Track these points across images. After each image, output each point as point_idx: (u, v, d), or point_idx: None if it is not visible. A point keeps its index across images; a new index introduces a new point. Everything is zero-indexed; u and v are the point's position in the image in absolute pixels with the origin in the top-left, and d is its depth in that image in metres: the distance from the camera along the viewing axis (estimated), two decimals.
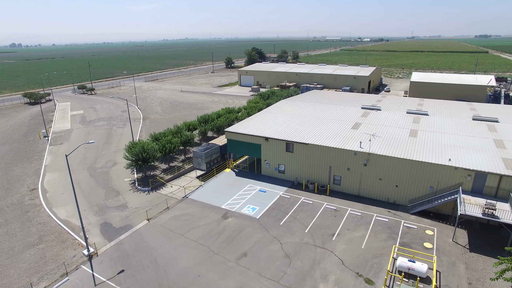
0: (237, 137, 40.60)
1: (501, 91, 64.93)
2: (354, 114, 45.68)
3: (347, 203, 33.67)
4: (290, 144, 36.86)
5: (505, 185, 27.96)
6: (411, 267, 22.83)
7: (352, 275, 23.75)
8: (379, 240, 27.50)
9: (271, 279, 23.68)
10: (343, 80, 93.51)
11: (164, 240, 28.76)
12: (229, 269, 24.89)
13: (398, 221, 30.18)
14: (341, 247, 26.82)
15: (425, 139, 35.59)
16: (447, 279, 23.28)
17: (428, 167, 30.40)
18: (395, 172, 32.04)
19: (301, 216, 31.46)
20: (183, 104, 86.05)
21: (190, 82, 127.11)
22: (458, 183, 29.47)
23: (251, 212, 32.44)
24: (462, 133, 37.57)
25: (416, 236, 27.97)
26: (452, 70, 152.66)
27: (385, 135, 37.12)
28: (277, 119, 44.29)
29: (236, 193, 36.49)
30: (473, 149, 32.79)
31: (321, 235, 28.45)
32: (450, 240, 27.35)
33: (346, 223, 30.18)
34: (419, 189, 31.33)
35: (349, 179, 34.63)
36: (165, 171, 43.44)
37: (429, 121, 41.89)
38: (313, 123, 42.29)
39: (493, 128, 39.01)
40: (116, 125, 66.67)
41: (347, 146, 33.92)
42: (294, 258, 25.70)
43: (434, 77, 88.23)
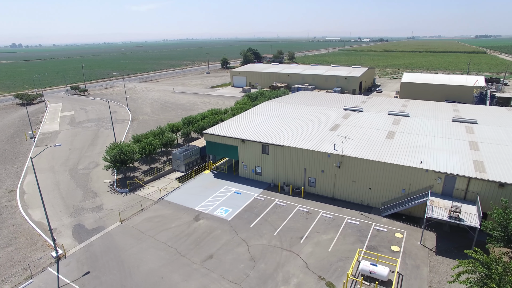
0: (215, 139, 40.66)
1: (487, 92, 64.69)
2: (335, 115, 45.66)
3: (320, 205, 33.68)
4: (265, 146, 36.88)
5: (473, 187, 27.89)
6: (373, 270, 22.81)
7: (315, 278, 23.75)
8: (347, 243, 27.48)
9: (233, 282, 23.72)
10: (334, 81, 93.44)
11: (133, 242, 28.83)
12: (193, 271, 24.93)
13: (369, 224, 30.16)
14: (308, 250, 26.82)
15: (402, 141, 35.55)
16: (409, 282, 23.24)
17: (400, 170, 30.33)
18: (368, 175, 32.03)
19: (272, 219, 31.49)
20: (174, 105, 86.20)
21: (184, 82, 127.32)
22: (429, 185, 29.43)
23: (224, 214, 32.50)
24: (439, 134, 37.51)
25: (384, 239, 27.94)
26: (448, 70, 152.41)
27: (362, 136, 37.10)
28: (257, 121, 44.31)
29: (212, 194, 36.53)
30: (447, 151, 32.72)
31: (289, 237, 28.46)
32: (418, 243, 27.29)
33: (316, 225, 30.17)
34: (391, 191, 31.29)
35: (323, 181, 34.60)
36: (146, 172, 43.53)
37: (409, 123, 41.83)
38: (292, 124, 42.29)
39: (471, 130, 38.92)
40: (104, 126, 66.84)
41: (321, 148, 33.89)
42: (259, 261, 25.73)
43: (425, 77, 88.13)
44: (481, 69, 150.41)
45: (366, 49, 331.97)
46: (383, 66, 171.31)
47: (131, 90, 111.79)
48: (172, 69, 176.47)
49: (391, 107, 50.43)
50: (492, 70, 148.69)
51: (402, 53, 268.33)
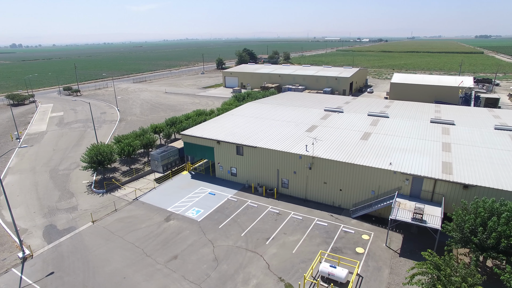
0: (192, 140, 40.78)
1: (471, 93, 64.58)
2: (314, 116, 45.73)
3: (292, 206, 33.77)
4: (240, 147, 37.00)
5: (439, 189, 27.94)
6: (331, 272, 22.89)
7: (275, 279, 23.84)
8: (313, 245, 27.56)
9: (193, 282, 23.85)
10: (324, 82, 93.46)
11: (102, 242, 29.00)
12: (156, 272, 25.08)
13: (337, 225, 30.22)
14: (272, 251, 26.91)
15: (376, 142, 35.59)
16: (368, 284, 23.30)
17: (369, 171, 30.40)
18: (339, 176, 32.08)
19: (242, 220, 31.60)
20: (163, 106, 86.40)
21: (177, 83, 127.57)
22: (397, 187, 29.49)
23: (195, 215, 32.62)
24: (415, 136, 37.54)
25: (351, 241, 28.00)
26: (442, 71, 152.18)
27: (337, 138, 37.18)
28: (235, 122, 44.44)
29: (186, 195, 36.67)
30: (419, 153, 32.76)
31: (256, 239, 28.56)
32: (383, 245, 27.36)
33: (284, 227, 30.27)
34: (361, 193, 31.36)
35: (296, 182, 34.70)
36: (125, 173, 43.74)
37: (386, 124, 41.87)
38: (270, 125, 42.37)
39: (447, 131, 38.94)
40: (91, 127, 67.02)
41: (294, 150, 34.00)
42: (222, 261, 25.85)
43: (414, 78, 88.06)
44: (475, 70, 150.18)
45: (364, 50, 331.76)
46: (378, 67, 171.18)
47: (124, 91, 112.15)
48: (168, 69, 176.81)
49: (373, 108, 50.46)
50: (487, 71, 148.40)
51: (399, 54, 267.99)
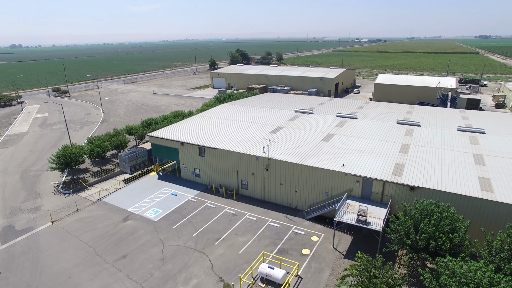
0: (159, 141, 41.24)
1: (448, 94, 64.66)
2: (283, 118, 46.04)
3: (249, 207, 34.11)
4: (202, 148, 37.41)
5: (388, 191, 28.23)
6: (269, 273, 23.25)
7: (215, 279, 24.21)
8: (260, 246, 27.87)
9: (136, 281, 24.25)
10: (310, 82, 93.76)
11: (56, 242, 29.44)
12: (103, 271, 25.51)
13: (289, 226, 30.54)
14: (219, 251, 27.28)
15: (336, 144, 35.89)
16: (306, 285, 23.60)
17: (322, 173, 30.73)
18: (294, 178, 32.44)
19: (197, 220, 31.98)
20: (149, 107, 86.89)
21: (167, 84, 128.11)
22: (349, 189, 29.81)
23: (153, 215, 33.03)
24: (377, 137, 37.79)
25: (299, 242, 28.30)
26: (434, 71, 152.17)
27: (299, 139, 37.50)
28: (203, 124, 44.84)
29: (149, 196, 37.09)
30: (376, 154, 33.01)
31: (206, 239, 28.93)
32: (330, 246, 27.67)
33: (237, 228, 30.62)
34: (316, 194, 31.68)
35: (254, 183, 35.06)
36: (96, 174, 44.20)
37: (353, 125, 42.15)
38: (236, 127, 42.75)
39: (410, 132, 39.17)
40: (73, 128, 67.57)
41: (252, 151, 34.39)
42: (168, 261, 26.25)
43: (398, 79, 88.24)
44: (467, 70, 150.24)
45: (360, 50, 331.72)
46: (371, 67, 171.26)
47: (114, 92, 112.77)
48: (161, 70, 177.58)
49: (345, 110, 50.68)
50: (478, 71, 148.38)
51: (394, 54, 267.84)
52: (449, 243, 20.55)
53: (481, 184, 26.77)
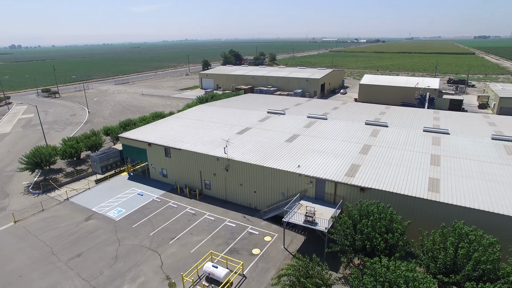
0: (129, 142, 41.77)
1: (426, 95, 65.01)
2: (254, 118, 46.44)
3: (210, 207, 34.57)
4: (167, 149, 37.91)
5: (340, 192, 28.62)
6: (212, 272, 23.71)
7: (162, 278, 24.68)
8: (213, 245, 28.32)
9: (85, 279, 24.73)
10: (296, 83, 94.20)
11: (15, 242, 29.94)
12: (55, 269, 26.00)
13: (245, 226, 30.97)
14: (172, 250, 27.75)
15: (299, 145, 36.20)
16: (249, 284, 24.00)
17: (278, 174, 31.11)
18: (252, 178, 32.83)
19: (157, 220, 32.46)
20: (135, 107, 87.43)
21: (157, 85, 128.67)
22: (304, 189, 30.22)
23: (115, 214, 33.53)
24: (342, 138, 38.09)
25: (251, 242, 28.69)
26: (426, 71, 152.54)
27: (263, 139, 37.86)
28: (174, 124, 45.34)
29: (116, 196, 37.63)
30: (335, 155, 33.29)
31: (161, 238, 29.42)
32: (281, 246, 28.08)
33: (194, 227, 31.07)
34: (273, 195, 32.08)
35: (216, 184, 35.53)
36: (69, 174, 44.71)
37: (321, 126, 42.51)
38: (205, 128, 43.12)
39: (376, 133, 39.50)
40: (55, 129, 68.21)
41: (213, 152, 34.88)
42: (120, 260, 26.73)
43: (383, 79, 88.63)
44: (459, 71, 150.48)
45: (357, 50, 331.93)
46: (364, 68, 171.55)
47: (103, 93, 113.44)
48: (154, 71, 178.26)
49: (319, 110, 50.96)
50: (470, 72, 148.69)
51: (390, 55, 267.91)
52: (383, 243, 20.97)
53: (430, 185, 27.12)
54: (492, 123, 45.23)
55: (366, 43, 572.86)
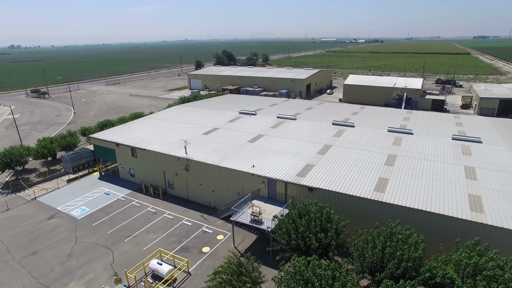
0: (99, 142, 42.49)
1: (403, 95, 65.44)
2: (225, 119, 47.01)
3: (171, 206, 35.21)
4: (134, 149, 38.57)
5: (290, 191, 29.17)
6: (156, 269, 24.36)
7: (110, 274, 25.31)
8: (166, 243, 28.95)
9: (34, 277, 25.38)
10: (281, 83, 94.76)
11: None
12: (6, 267, 26.66)
13: (201, 225, 31.60)
14: (126, 248, 28.39)
15: (260, 145, 36.72)
16: (192, 281, 24.61)
17: (233, 174, 31.73)
18: (210, 178, 33.48)
19: (118, 218, 33.11)
20: (121, 108, 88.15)
21: (148, 85, 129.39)
22: (257, 189, 30.77)
23: (78, 213, 34.19)
24: (303, 138, 38.49)
25: (203, 240, 29.29)
26: (418, 72, 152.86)
27: (227, 140, 38.48)
28: (145, 125, 46.00)
29: (83, 195, 38.32)
30: (293, 155, 33.74)
31: (118, 236, 30.07)
32: (232, 245, 28.64)
33: (152, 226, 31.71)
34: (229, 194, 32.70)
35: (178, 183, 36.20)
36: (42, 174, 45.38)
37: (288, 126, 43.00)
38: (174, 128, 43.72)
39: (341, 133, 39.96)
40: (38, 129, 68.98)
41: (175, 152, 35.46)
42: (74, 257, 27.38)
43: (367, 80, 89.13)
44: (450, 71, 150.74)
45: (353, 50, 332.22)
46: (356, 68, 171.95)
47: (93, 93, 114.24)
48: (147, 71, 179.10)
49: (292, 111, 51.35)
50: (461, 72, 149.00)
51: (385, 55, 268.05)
52: (317, 243, 21.45)
53: (377, 185, 27.62)
54: (459, 123, 45.77)
55: (364, 43, 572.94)
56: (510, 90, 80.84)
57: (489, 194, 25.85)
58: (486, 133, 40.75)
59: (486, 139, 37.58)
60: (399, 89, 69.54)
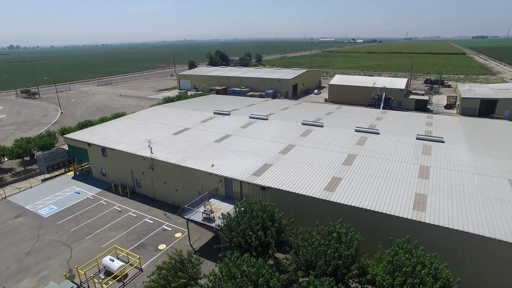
0: (72, 142, 43.29)
1: (382, 95, 65.93)
2: (198, 119, 47.63)
3: (137, 205, 35.91)
4: (104, 149, 39.31)
5: (245, 190, 29.77)
6: (107, 265, 25.09)
7: (65, 271, 25.98)
8: (125, 241, 29.63)
9: None
10: (268, 84, 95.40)
11: None
12: None
13: (162, 223, 32.31)
14: (85, 245, 29.08)
15: (226, 145, 37.33)
16: (143, 277, 25.01)
17: (193, 173, 32.43)
18: (174, 177, 34.21)
19: (83, 217, 33.81)
20: (108, 108, 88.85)
21: (139, 86, 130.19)
22: (215, 188, 31.40)
23: (45, 212, 34.92)
24: (270, 138, 38.97)
25: (161, 238, 29.99)
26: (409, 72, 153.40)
27: (195, 140, 39.14)
28: (121, 126, 46.77)
29: (54, 194, 39.05)
30: (254, 154, 34.31)
31: (80, 234, 30.77)
32: (187, 243, 29.28)
33: (115, 224, 32.40)
34: (191, 193, 33.35)
35: (145, 182, 36.93)
36: (17, 173, 46.08)
37: (258, 126, 43.58)
38: (147, 128, 44.38)
39: (307, 133, 40.46)
40: (22, 130, 69.75)
41: (141, 152, 36.16)
42: (32, 255, 28.08)
43: (352, 80, 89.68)
44: (442, 71, 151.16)
45: (349, 50, 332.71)
46: (349, 68, 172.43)
47: (83, 93, 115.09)
48: (140, 72, 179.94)
49: (267, 111, 51.87)
50: (452, 72, 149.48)
51: (381, 55, 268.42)
52: (256, 241, 22.00)
53: (329, 185, 28.12)
54: (430, 123, 46.31)
55: (362, 43, 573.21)
56: (492, 90, 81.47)
57: (436, 193, 26.45)
58: (452, 133, 41.36)
59: (449, 139, 38.19)
60: (378, 89, 70.05)
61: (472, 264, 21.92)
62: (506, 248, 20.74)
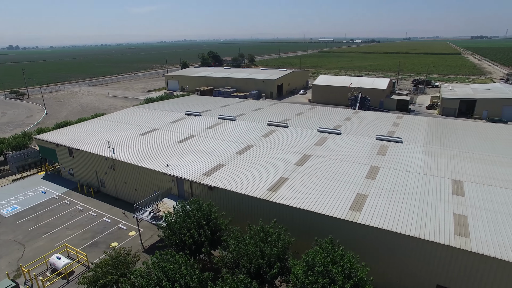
0: (41, 143, 44.14)
1: (358, 95, 66.33)
2: (168, 120, 48.38)
3: (99, 204, 36.70)
4: (70, 149, 40.12)
5: (195, 190, 30.44)
6: (54, 263, 25.83)
7: (13, 269, 26.73)
8: (80, 239, 30.40)
9: None
10: (253, 84, 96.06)
11: None
12: None
13: (119, 222, 33.09)
14: (39, 244, 29.84)
15: (187, 146, 37.95)
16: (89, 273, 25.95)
17: (148, 173, 33.19)
18: (133, 177, 34.97)
19: (44, 216, 34.57)
20: (93, 109, 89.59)
21: (128, 86, 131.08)
22: (169, 188, 32.09)
23: (9, 211, 35.69)
24: (232, 139, 39.51)
25: (114, 236, 30.77)
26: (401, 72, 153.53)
27: (159, 140, 39.82)
28: (93, 126, 47.60)
29: (20, 193, 39.82)
30: (211, 155, 34.88)
31: (37, 233, 31.54)
32: (139, 241, 29.99)
33: (74, 222, 33.16)
34: (148, 193, 33.95)
35: (108, 182, 37.73)
36: None
37: (223, 127, 44.17)
38: (116, 129, 45.15)
39: (270, 133, 40.92)
40: (4, 130, 70.63)
41: (104, 153, 36.90)
42: None
43: (336, 80, 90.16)
44: (433, 71, 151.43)
45: (345, 51, 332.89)
46: (341, 68, 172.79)
47: (72, 94, 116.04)
48: (133, 72, 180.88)
49: (239, 111, 52.54)
50: (443, 72, 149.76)
51: (376, 55, 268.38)
52: (190, 240, 22.56)
53: (274, 185, 28.45)
54: (396, 123, 46.80)
55: (361, 44, 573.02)
56: (473, 90, 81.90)
57: (376, 193, 26.95)
58: (415, 133, 41.86)
59: (409, 139, 38.70)
60: (355, 89, 70.51)
61: (402, 263, 22.49)
62: (429, 247, 21.21)
